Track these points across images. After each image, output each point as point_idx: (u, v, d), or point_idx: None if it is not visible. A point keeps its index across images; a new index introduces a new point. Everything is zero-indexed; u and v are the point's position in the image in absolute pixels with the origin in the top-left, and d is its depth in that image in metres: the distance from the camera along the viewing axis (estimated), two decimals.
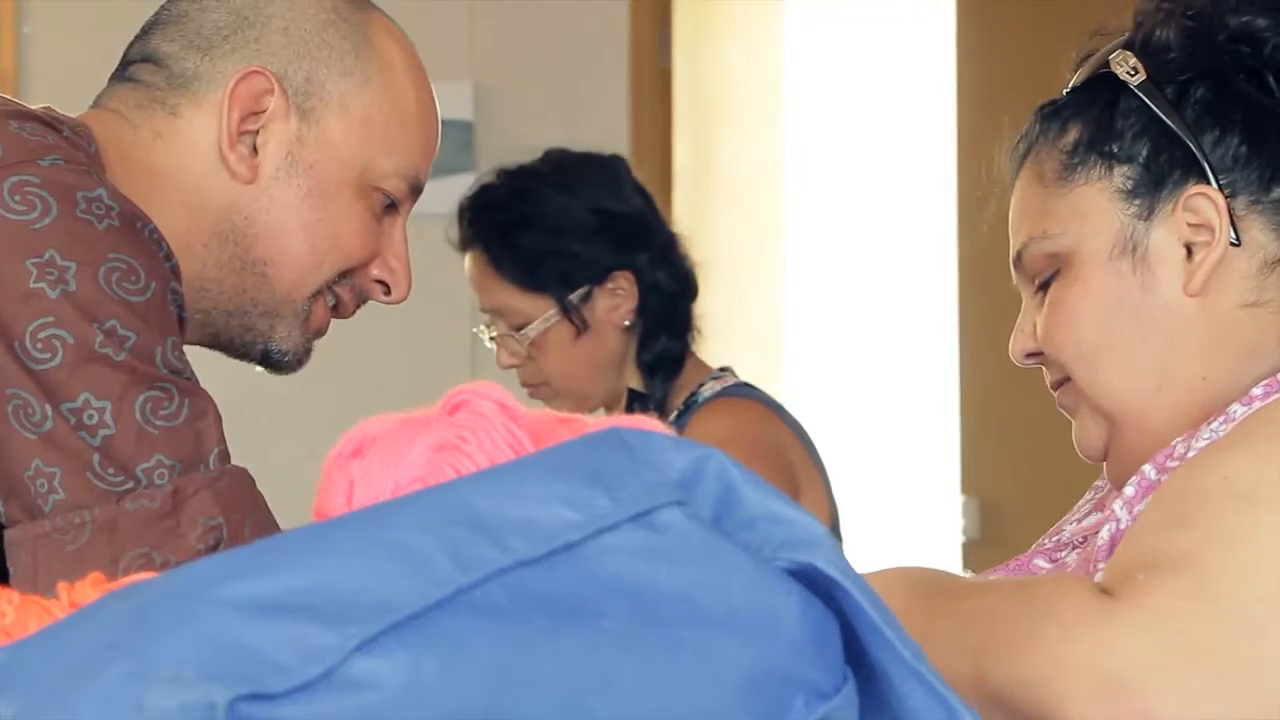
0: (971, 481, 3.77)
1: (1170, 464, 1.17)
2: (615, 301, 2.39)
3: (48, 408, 1.22)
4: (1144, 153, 1.24)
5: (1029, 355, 1.30)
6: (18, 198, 1.24)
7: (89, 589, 0.78)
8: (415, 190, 1.49)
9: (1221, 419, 1.16)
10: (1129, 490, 1.18)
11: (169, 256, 1.31)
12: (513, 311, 2.39)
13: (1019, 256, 1.29)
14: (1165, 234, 1.23)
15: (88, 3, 4.34)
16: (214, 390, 1.34)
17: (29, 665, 0.59)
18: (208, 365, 1.59)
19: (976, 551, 3.67)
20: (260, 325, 1.45)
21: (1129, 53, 1.25)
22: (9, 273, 1.23)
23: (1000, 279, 1.34)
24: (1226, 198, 1.21)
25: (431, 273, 2.68)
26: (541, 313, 2.38)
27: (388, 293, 1.50)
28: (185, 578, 0.61)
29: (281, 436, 4.27)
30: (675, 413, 2.39)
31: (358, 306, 1.51)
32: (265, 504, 1.32)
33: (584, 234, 2.38)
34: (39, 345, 1.22)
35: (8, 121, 1.29)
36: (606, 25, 4.48)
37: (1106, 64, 1.26)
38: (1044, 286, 1.28)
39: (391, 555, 0.61)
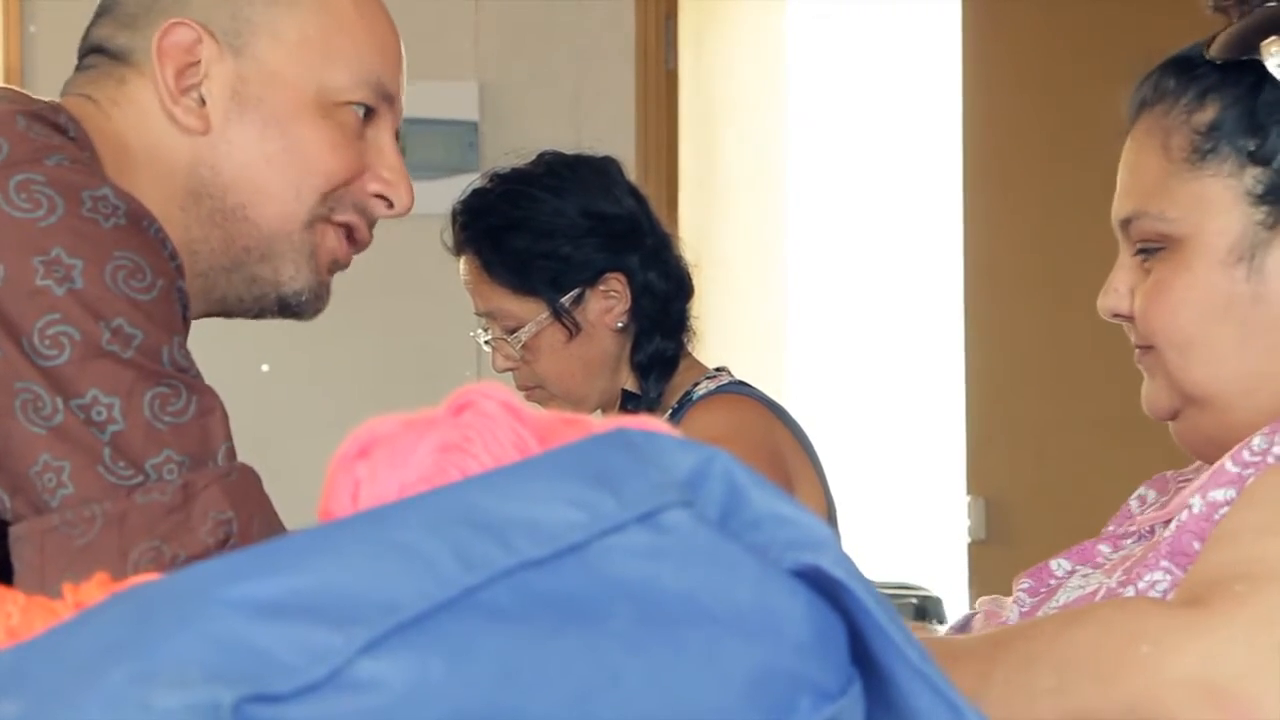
0: (977, 482, 3.77)
1: (1252, 459, 1.15)
2: (608, 303, 2.39)
3: (58, 401, 1.22)
4: None
5: (1117, 317, 1.28)
6: (24, 196, 1.24)
7: (94, 589, 0.78)
8: (386, 96, 1.47)
9: None
10: (1205, 480, 1.17)
11: (174, 256, 1.31)
12: (506, 315, 2.40)
13: (1129, 220, 1.26)
14: None
15: (92, 3, 4.35)
16: (220, 391, 1.34)
17: (35, 666, 0.59)
18: (210, 367, 1.59)
19: (982, 552, 3.67)
20: (264, 273, 1.44)
21: None
22: (15, 270, 1.23)
23: (1006, 279, 1.34)
24: None
25: (436, 273, 2.69)
26: (534, 315, 2.38)
27: (390, 206, 1.48)
28: (191, 578, 0.61)
29: (287, 437, 4.27)
30: (669, 412, 2.39)
31: (371, 227, 1.49)
32: (270, 502, 1.32)
33: (575, 236, 2.38)
34: (46, 342, 1.22)
35: (15, 119, 1.29)
36: (612, 26, 4.48)
37: (1258, 45, 1.21)
38: (1146, 251, 1.26)
39: (397, 556, 0.60)
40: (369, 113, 1.46)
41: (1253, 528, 1.06)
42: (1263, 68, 1.21)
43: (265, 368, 4.32)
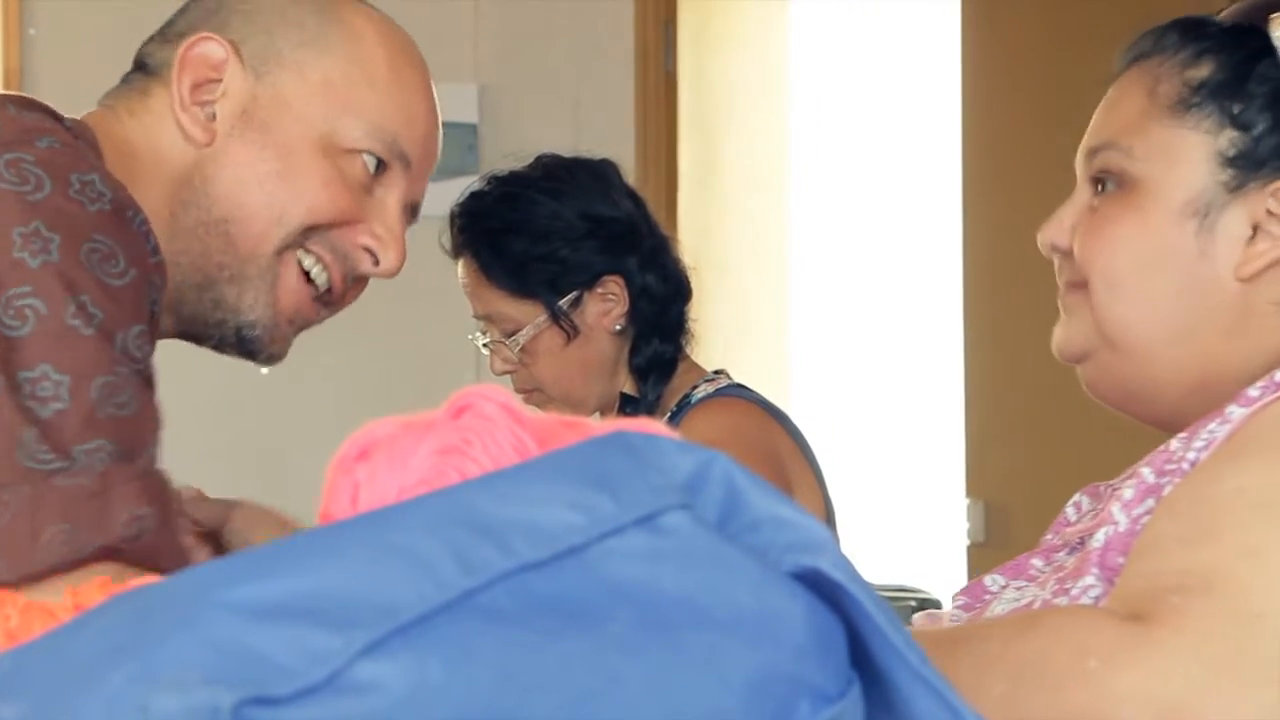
0: (977, 484, 3.77)
1: (1169, 466, 1.16)
2: (606, 306, 2.39)
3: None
4: (1261, 126, 1.22)
5: (1055, 249, 1.29)
6: (13, 172, 1.26)
7: (94, 592, 0.78)
8: (400, 155, 1.47)
9: (1219, 420, 1.15)
10: (1127, 493, 1.17)
11: (155, 252, 1.31)
12: (504, 318, 2.40)
13: (1095, 150, 1.27)
14: (1241, 211, 1.22)
15: (92, 5, 4.34)
16: (220, 393, 1.34)
17: (34, 669, 0.59)
18: (210, 370, 1.59)
19: (981, 554, 3.67)
20: (229, 296, 1.44)
21: None
22: None
23: (1006, 282, 1.34)
24: None
25: (436, 275, 2.69)
26: (532, 319, 2.38)
27: (376, 263, 1.48)
28: (190, 581, 0.61)
29: (286, 439, 4.27)
30: (668, 415, 2.39)
31: (346, 280, 1.48)
32: (185, 519, 1.31)
33: (573, 239, 2.38)
34: (11, 312, 1.22)
35: (7, 106, 1.32)
36: (612, 28, 4.49)
37: (1269, 15, 1.23)
38: (1099, 190, 1.27)
39: (396, 558, 0.60)
40: (381, 168, 1.46)
41: (1175, 538, 1.06)
42: (1265, 39, 1.23)
43: (265, 370, 4.31)
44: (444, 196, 2.58)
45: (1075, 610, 1.05)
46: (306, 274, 1.47)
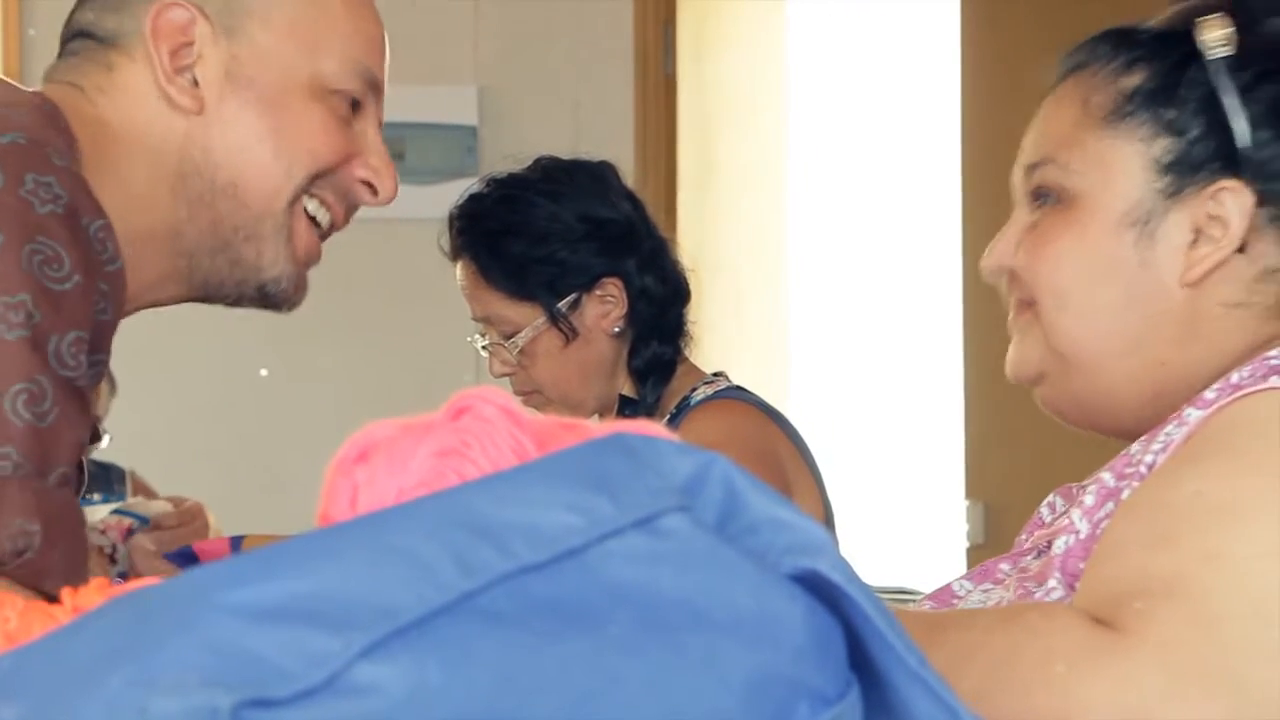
0: (976, 486, 3.77)
1: (1128, 470, 1.16)
2: (604, 308, 2.39)
3: None
4: (1195, 131, 1.21)
5: (1000, 270, 1.28)
6: None
7: (93, 594, 0.78)
8: (374, 87, 1.49)
9: (1175, 422, 1.14)
10: (1088, 499, 1.17)
11: (114, 259, 1.30)
12: (503, 320, 2.40)
13: (1033, 166, 1.27)
14: (1181, 217, 1.21)
15: None
16: (219, 395, 1.34)
17: (33, 671, 0.59)
18: (210, 372, 1.58)
19: (981, 556, 3.67)
20: (248, 254, 1.44)
21: (1223, 20, 1.21)
22: None
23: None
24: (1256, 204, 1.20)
25: (435, 277, 2.69)
26: (530, 321, 2.38)
27: (375, 194, 1.49)
28: (189, 583, 0.61)
29: (285, 441, 4.27)
30: (667, 417, 2.39)
31: (349, 214, 1.50)
32: (85, 544, 1.29)
33: (572, 241, 2.38)
34: None
35: None
36: (611, 30, 4.49)
37: (1195, 20, 1.22)
38: (1039, 207, 1.26)
39: (395, 560, 0.60)
40: (356, 104, 1.47)
41: (1135, 542, 1.05)
42: (1190, 43, 1.22)
43: (264, 372, 4.32)
44: (443, 198, 2.58)
45: (1050, 610, 1.04)
46: (312, 217, 1.48)
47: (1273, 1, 1.23)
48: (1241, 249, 1.20)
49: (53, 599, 1.23)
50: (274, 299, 1.48)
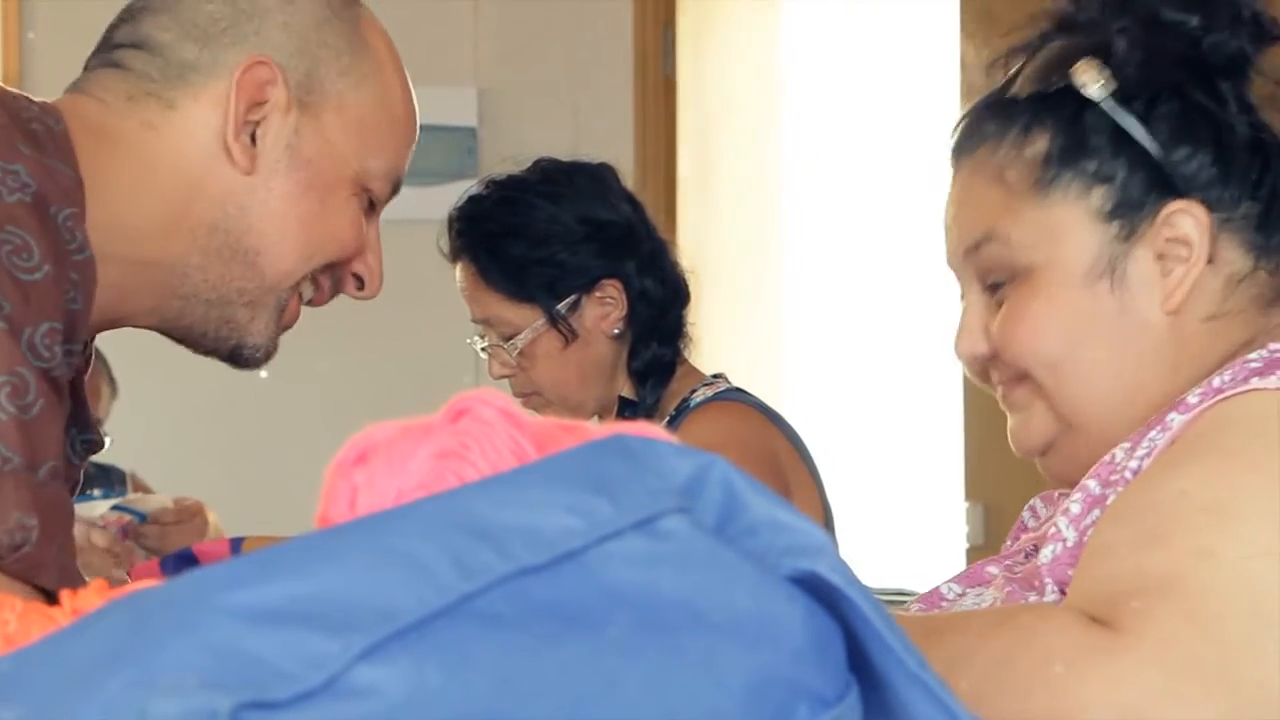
0: (975, 487, 3.77)
1: (1113, 477, 1.16)
2: (604, 310, 2.40)
3: None
4: (1121, 173, 1.22)
5: (976, 358, 1.29)
6: None
7: (92, 596, 0.78)
8: (396, 190, 1.51)
9: (1159, 429, 1.15)
10: (1074, 507, 1.17)
11: (82, 248, 1.29)
12: (502, 321, 2.40)
13: (973, 249, 1.27)
14: (1143, 252, 1.22)
15: (91, 9, 4.35)
16: (219, 397, 1.34)
17: (32, 673, 0.59)
18: (209, 374, 1.58)
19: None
20: (241, 317, 1.44)
21: (1093, 62, 1.23)
22: None
23: None
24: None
25: (435, 279, 2.69)
26: (530, 322, 2.38)
27: (361, 288, 1.51)
28: (188, 585, 0.61)
29: (285, 443, 4.27)
30: (667, 419, 2.39)
31: (332, 298, 1.52)
32: (73, 536, 1.29)
33: (571, 243, 2.38)
34: None
35: None
36: (611, 32, 4.49)
37: (1067, 72, 1.23)
38: (993, 287, 1.27)
39: (394, 563, 0.60)
40: (372, 202, 1.49)
41: (1125, 542, 1.05)
42: (1074, 94, 1.23)
43: (263, 374, 4.31)
44: (443, 200, 2.58)
45: (1046, 611, 1.04)
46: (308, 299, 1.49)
47: (1131, 33, 1.23)
48: (1210, 260, 1.21)
49: (46, 592, 1.23)
50: (245, 361, 1.49)
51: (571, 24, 4.46)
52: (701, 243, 4.39)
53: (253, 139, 1.41)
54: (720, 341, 4.18)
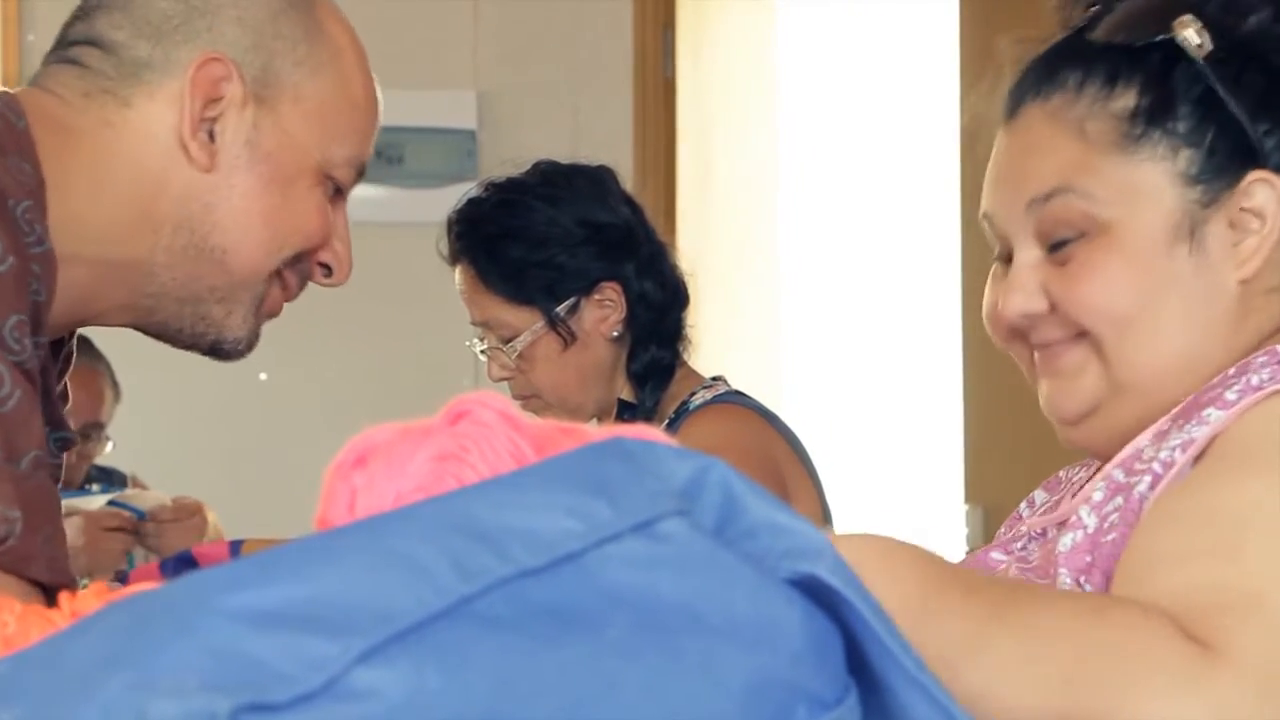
0: (975, 490, 3.76)
1: (1139, 466, 1.15)
2: (603, 312, 2.40)
3: None
4: (1209, 137, 1.21)
5: (1026, 317, 1.25)
6: None
7: (91, 598, 0.78)
8: (360, 176, 1.49)
9: (1196, 421, 1.14)
10: (1097, 495, 1.16)
11: (40, 242, 1.28)
12: (501, 324, 2.40)
13: (1041, 201, 1.23)
14: (1221, 218, 1.21)
15: None
16: (219, 398, 1.34)
17: (31, 675, 0.59)
18: (209, 375, 1.58)
19: None
20: (216, 314, 1.44)
21: (1194, 19, 1.21)
22: None
23: None
24: None
25: (434, 281, 2.69)
26: (529, 325, 2.38)
27: (329, 275, 1.49)
28: (188, 588, 0.61)
29: (284, 445, 4.27)
30: (666, 421, 2.39)
31: (301, 289, 1.50)
32: (62, 525, 1.28)
33: (570, 245, 2.38)
34: None
35: None
36: (610, 34, 4.49)
37: (1163, 25, 1.22)
38: (1056, 244, 1.24)
39: (393, 565, 0.60)
40: (338, 188, 1.48)
41: (1199, 551, 1.03)
42: (1165, 47, 1.21)
43: (263, 376, 4.32)
44: (443, 203, 2.58)
45: (1142, 611, 0.99)
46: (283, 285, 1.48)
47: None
48: None
49: (36, 585, 1.23)
50: (225, 354, 1.48)
51: (571, 26, 4.46)
52: (701, 245, 4.39)
53: (211, 136, 1.40)
54: (719, 343, 4.18)
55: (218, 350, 1.47)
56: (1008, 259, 1.28)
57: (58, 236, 1.31)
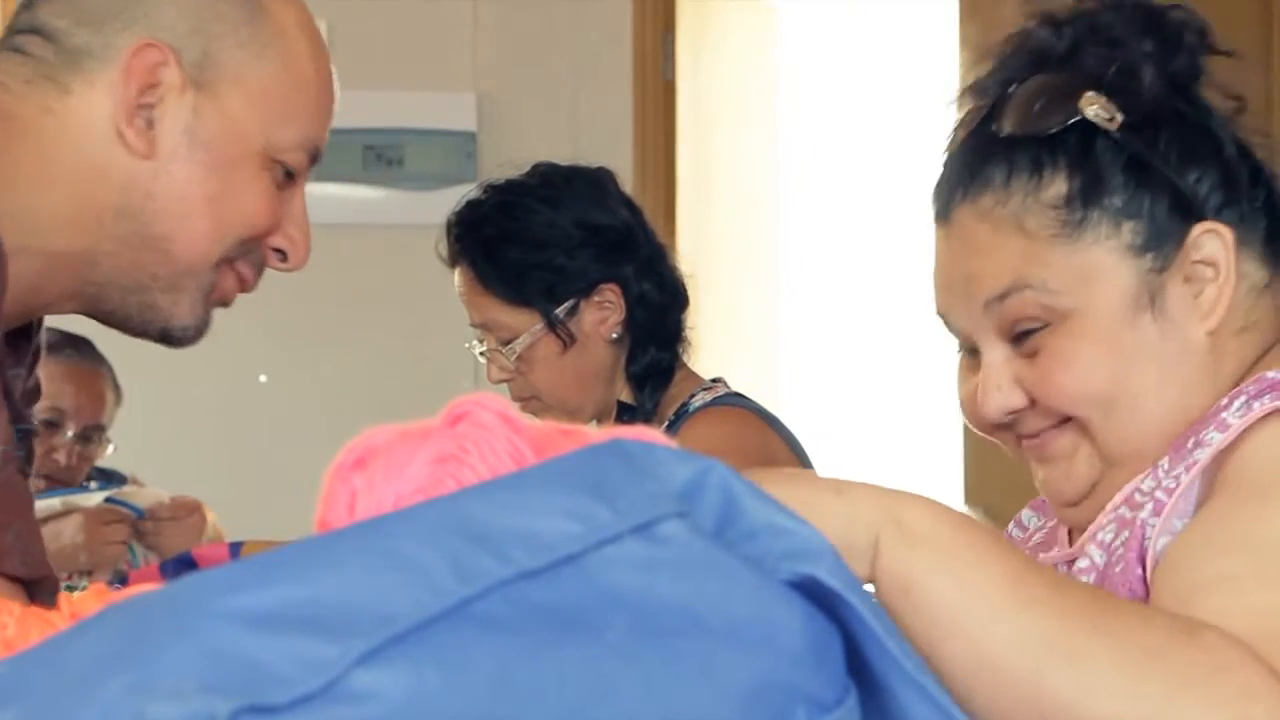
0: (975, 491, 3.76)
1: (1139, 498, 1.16)
2: (602, 314, 2.40)
3: None
4: (1146, 204, 1.22)
5: (1008, 413, 1.26)
6: None
7: (91, 600, 0.78)
8: (315, 159, 1.47)
9: (1194, 445, 1.14)
10: (1106, 535, 1.17)
11: None
12: (500, 326, 2.40)
13: (997, 301, 1.24)
14: (1175, 278, 1.22)
15: None
16: (219, 400, 1.34)
17: (31, 677, 0.59)
18: (209, 377, 1.58)
19: None
20: (162, 302, 1.42)
21: (1097, 95, 1.22)
22: None
23: None
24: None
25: (434, 283, 2.69)
26: (528, 327, 2.38)
27: (284, 260, 1.47)
28: (187, 590, 0.61)
29: (284, 447, 4.27)
30: (665, 423, 2.39)
31: (259, 276, 1.49)
32: (35, 518, 1.28)
33: (569, 247, 2.38)
34: None
35: None
36: (610, 36, 4.49)
37: (1067, 107, 1.22)
38: (1018, 337, 1.24)
39: (393, 567, 0.61)
40: (290, 172, 1.46)
41: (1249, 576, 1.01)
42: (1079, 126, 1.22)
43: (263, 378, 4.32)
44: (442, 205, 2.58)
45: (1231, 640, 0.96)
46: (238, 275, 1.46)
47: (1120, 62, 1.23)
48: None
49: (13, 580, 1.23)
50: (175, 341, 1.46)
51: (571, 29, 4.46)
52: (700, 247, 4.39)
53: (151, 123, 1.39)
54: (718, 345, 4.18)
55: (167, 338, 1.46)
56: (972, 350, 1.29)
57: (5, 229, 1.30)
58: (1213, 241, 1.22)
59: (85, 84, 1.39)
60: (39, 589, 1.27)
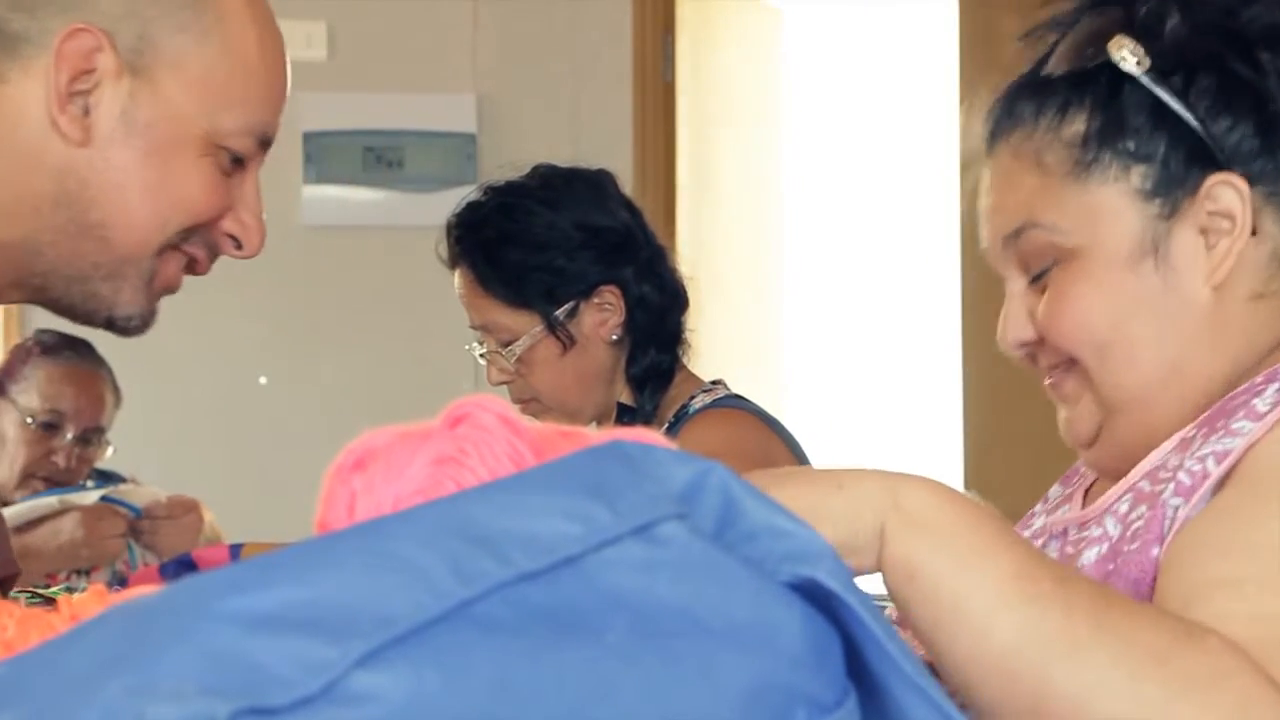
0: (976, 489, 3.77)
1: (1163, 475, 1.15)
2: (602, 316, 2.40)
3: None
4: (1161, 150, 1.21)
5: (1022, 345, 1.27)
6: None
7: (90, 602, 0.78)
8: (265, 144, 1.44)
9: (1224, 432, 1.13)
10: (1122, 507, 1.16)
11: None
12: (500, 328, 2.40)
13: (1013, 237, 1.25)
14: (1185, 228, 1.21)
15: None
16: (219, 401, 1.34)
17: (31, 679, 0.59)
18: (209, 379, 1.58)
19: None
20: (104, 290, 1.41)
21: (1127, 38, 1.21)
22: None
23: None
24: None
25: (434, 285, 2.69)
26: (528, 329, 2.38)
27: (239, 247, 1.45)
28: (187, 591, 0.61)
29: (284, 448, 4.27)
30: (665, 425, 2.39)
31: (212, 261, 1.47)
32: (3, 522, 1.27)
33: (569, 249, 2.38)
34: None
35: None
36: (610, 38, 4.49)
37: (1102, 49, 1.22)
38: (1038, 275, 1.25)
39: (393, 569, 0.61)
40: (240, 158, 1.44)
41: (1252, 580, 1.01)
42: (1109, 71, 1.22)
43: (263, 380, 4.32)
44: (442, 206, 2.59)
45: (1234, 646, 0.96)
46: (188, 262, 1.44)
47: (1166, 6, 1.22)
48: (1253, 232, 1.21)
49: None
50: (122, 331, 1.45)
51: (571, 30, 4.46)
52: (700, 248, 4.39)
53: (86, 110, 1.36)
54: (718, 347, 4.18)
55: (113, 326, 1.44)
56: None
57: None
58: (1228, 193, 1.20)
59: (21, 71, 1.36)
60: (4, 587, 1.27)
